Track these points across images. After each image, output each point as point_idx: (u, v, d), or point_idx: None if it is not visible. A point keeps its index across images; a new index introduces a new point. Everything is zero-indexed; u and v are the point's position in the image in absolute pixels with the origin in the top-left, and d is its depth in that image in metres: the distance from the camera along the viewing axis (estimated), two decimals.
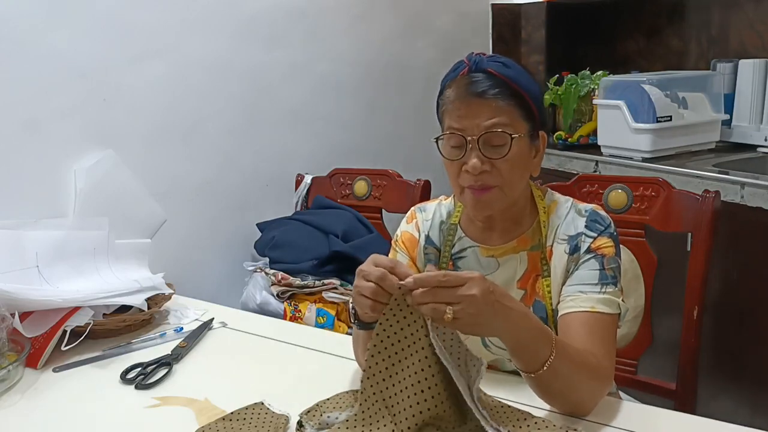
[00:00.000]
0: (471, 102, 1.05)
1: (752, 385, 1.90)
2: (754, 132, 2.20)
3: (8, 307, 1.29)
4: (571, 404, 1.01)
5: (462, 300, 0.87)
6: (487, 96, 1.04)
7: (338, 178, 2.06)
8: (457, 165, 1.08)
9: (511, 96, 1.06)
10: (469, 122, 1.05)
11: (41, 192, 1.71)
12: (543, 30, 2.70)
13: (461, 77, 1.08)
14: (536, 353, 0.95)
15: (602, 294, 1.07)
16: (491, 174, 1.06)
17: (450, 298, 0.87)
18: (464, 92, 1.06)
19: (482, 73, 1.06)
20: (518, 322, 0.93)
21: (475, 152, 1.05)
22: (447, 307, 0.87)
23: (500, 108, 1.05)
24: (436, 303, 0.88)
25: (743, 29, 2.33)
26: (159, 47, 1.90)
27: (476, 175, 1.06)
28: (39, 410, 1.16)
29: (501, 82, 1.05)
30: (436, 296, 0.88)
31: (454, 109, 1.07)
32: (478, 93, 1.05)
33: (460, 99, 1.06)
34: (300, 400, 1.05)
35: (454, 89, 1.07)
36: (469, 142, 1.05)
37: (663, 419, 1.05)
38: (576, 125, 2.49)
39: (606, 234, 1.12)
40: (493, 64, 1.07)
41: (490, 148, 1.05)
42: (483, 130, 1.04)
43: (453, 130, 1.07)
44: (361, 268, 0.96)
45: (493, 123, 1.04)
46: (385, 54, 2.47)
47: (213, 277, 2.09)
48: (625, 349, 1.48)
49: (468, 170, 1.06)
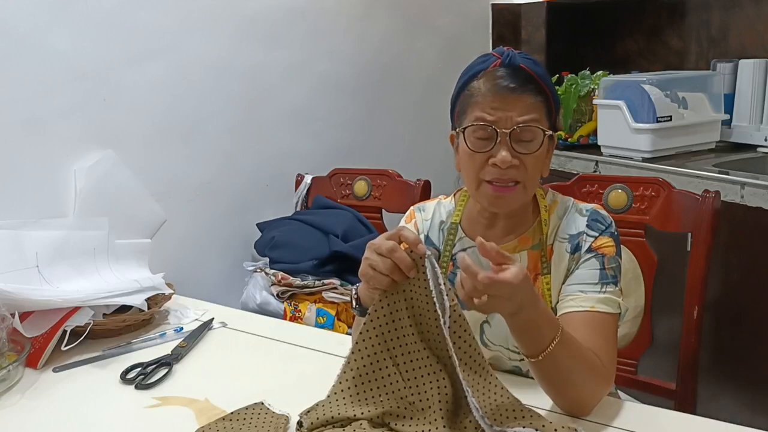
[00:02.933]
0: (505, 96, 1.05)
1: (752, 385, 1.90)
2: (754, 132, 2.20)
3: (8, 307, 1.29)
4: (572, 398, 1.01)
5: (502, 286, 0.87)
6: (522, 91, 1.05)
7: (338, 178, 2.06)
8: (481, 157, 1.07)
9: (541, 93, 1.07)
10: (502, 114, 1.05)
11: (41, 192, 1.71)
12: (543, 30, 2.70)
13: (494, 69, 1.07)
14: (540, 336, 0.95)
15: (602, 294, 1.07)
16: (518, 169, 1.06)
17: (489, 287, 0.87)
18: (498, 85, 1.05)
19: (514, 68, 1.07)
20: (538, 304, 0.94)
21: (505, 146, 1.05)
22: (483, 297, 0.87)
23: (533, 104, 1.06)
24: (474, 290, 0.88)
25: (743, 29, 2.33)
26: (159, 47, 1.90)
27: (504, 170, 1.05)
28: (39, 410, 1.16)
29: (533, 79, 1.06)
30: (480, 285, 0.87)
31: (487, 101, 1.06)
32: (512, 87, 1.05)
33: (494, 92, 1.06)
34: (300, 400, 1.05)
35: (485, 81, 1.07)
36: (500, 135, 1.05)
37: (663, 419, 1.05)
38: (576, 125, 2.49)
39: (607, 233, 1.12)
40: (526, 61, 1.08)
41: (520, 143, 1.06)
42: (516, 125, 1.05)
43: (485, 121, 1.06)
44: (371, 242, 0.96)
45: (527, 119, 1.05)
46: (385, 54, 2.47)
47: (213, 277, 2.09)
48: (625, 349, 1.48)
49: (497, 163, 1.05)
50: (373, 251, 0.96)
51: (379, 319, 0.98)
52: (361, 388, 0.99)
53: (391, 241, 0.95)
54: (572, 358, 0.98)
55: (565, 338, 0.97)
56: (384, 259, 0.95)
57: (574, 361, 0.98)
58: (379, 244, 0.95)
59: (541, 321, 0.95)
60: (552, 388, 1.01)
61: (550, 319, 0.97)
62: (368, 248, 0.97)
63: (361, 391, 0.99)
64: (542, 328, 0.95)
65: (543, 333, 0.95)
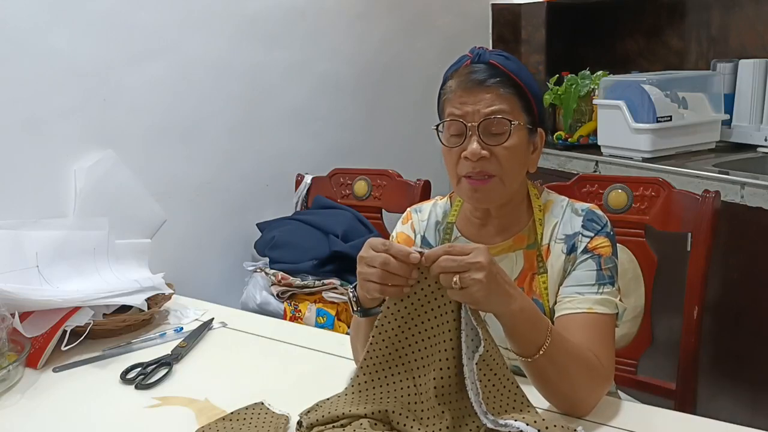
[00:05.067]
0: (472, 89, 1.07)
1: (752, 385, 1.90)
2: (754, 132, 2.20)
3: (8, 307, 1.29)
4: (568, 399, 1.01)
5: (469, 267, 0.89)
6: (488, 84, 1.07)
7: (338, 178, 2.06)
8: (456, 153, 1.09)
9: (512, 86, 1.08)
10: (470, 108, 1.07)
11: (41, 192, 1.71)
12: (543, 30, 2.70)
13: (464, 68, 1.10)
14: (532, 335, 0.96)
15: (599, 294, 1.07)
16: (490, 161, 1.07)
17: (457, 267, 0.89)
18: (466, 80, 1.08)
19: (484, 64, 1.09)
20: (517, 298, 0.94)
21: (474, 138, 1.06)
22: (455, 276, 0.88)
23: (501, 96, 1.07)
24: (445, 273, 0.89)
25: (743, 29, 2.33)
26: (159, 47, 1.90)
27: (475, 162, 1.06)
28: (39, 410, 1.16)
29: (502, 72, 1.08)
30: (444, 265, 0.90)
31: (455, 97, 1.09)
32: (479, 81, 1.07)
33: (462, 87, 1.08)
34: (300, 400, 1.05)
35: (456, 79, 1.10)
36: (469, 129, 1.07)
37: (663, 419, 1.05)
38: (576, 125, 2.49)
39: (603, 233, 1.12)
40: (496, 57, 1.10)
41: (490, 135, 1.07)
42: (483, 117, 1.06)
43: (453, 116, 1.08)
44: (361, 254, 0.96)
45: (493, 110, 1.06)
46: (385, 54, 2.47)
47: (213, 277, 2.09)
48: (625, 349, 1.48)
49: (467, 156, 1.07)
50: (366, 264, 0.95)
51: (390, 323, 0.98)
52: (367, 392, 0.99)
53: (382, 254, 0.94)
54: (567, 356, 0.98)
55: (559, 338, 0.97)
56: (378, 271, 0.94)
57: (569, 360, 0.98)
58: (370, 257, 0.95)
59: (532, 318, 0.96)
60: (549, 388, 1.01)
61: (541, 318, 0.97)
62: (359, 260, 0.96)
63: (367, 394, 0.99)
64: (534, 326, 0.96)
65: (535, 331, 0.96)
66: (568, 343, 0.99)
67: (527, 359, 0.97)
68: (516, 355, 0.99)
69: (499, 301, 0.92)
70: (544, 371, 0.98)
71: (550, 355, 0.96)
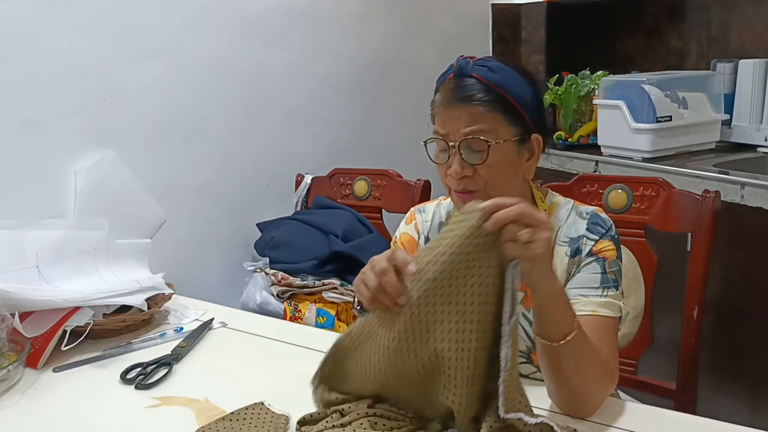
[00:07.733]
0: (454, 107, 1.06)
1: (752, 385, 1.90)
2: (754, 132, 2.20)
3: (8, 307, 1.29)
4: (576, 395, 1.00)
5: (539, 224, 0.86)
6: (470, 102, 1.05)
7: (338, 178, 2.06)
8: (444, 168, 1.10)
9: (496, 102, 1.05)
10: (451, 127, 1.07)
11: (41, 192, 1.71)
12: (543, 30, 2.70)
13: (448, 81, 1.09)
14: (563, 320, 0.95)
15: (603, 297, 1.07)
16: (472, 179, 1.07)
17: (530, 219, 0.86)
18: (449, 97, 1.07)
19: (468, 78, 1.07)
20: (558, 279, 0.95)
21: (456, 157, 1.07)
22: (526, 229, 0.86)
23: (481, 115, 1.05)
24: (516, 223, 0.86)
25: (743, 29, 2.33)
26: (159, 47, 1.90)
27: (458, 180, 1.07)
28: (39, 410, 1.16)
29: (485, 87, 1.06)
30: (520, 211, 0.86)
31: (439, 114, 1.09)
32: (460, 98, 1.06)
33: (444, 104, 1.08)
34: (300, 400, 1.05)
35: (441, 93, 1.10)
36: (452, 147, 1.07)
37: (663, 419, 1.05)
38: (576, 125, 2.49)
39: (607, 237, 1.12)
40: (479, 69, 1.07)
41: (472, 153, 1.06)
42: (462, 137, 1.06)
43: (437, 134, 1.09)
44: (373, 257, 0.95)
45: (472, 130, 1.05)
46: (384, 54, 2.47)
47: (213, 277, 2.09)
48: (625, 349, 1.48)
49: (450, 174, 1.08)
50: (371, 267, 0.94)
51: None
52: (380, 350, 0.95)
53: (385, 263, 0.92)
54: (588, 351, 0.98)
55: (583, 332, 0.97)
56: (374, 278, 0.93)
57: (588, 355, 0.98)
58: (377, 260, 0.94)
59: (567, 304, 0.96)
60: (561, 380, 0.99)
61: (571, 307, 0.97)
62: (369, 262, 0.95)
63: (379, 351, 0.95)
64: (566, 312, 0.96)
65: (566, 317, 0.95)
66: (589, 340, 0.98)
67: (552, 343, 0.95)
68: (540, 338, 0.97)
69: (549, 274, 0.92)
70: (564, 360, 0.96)
71: (573, 345, 0.95)
